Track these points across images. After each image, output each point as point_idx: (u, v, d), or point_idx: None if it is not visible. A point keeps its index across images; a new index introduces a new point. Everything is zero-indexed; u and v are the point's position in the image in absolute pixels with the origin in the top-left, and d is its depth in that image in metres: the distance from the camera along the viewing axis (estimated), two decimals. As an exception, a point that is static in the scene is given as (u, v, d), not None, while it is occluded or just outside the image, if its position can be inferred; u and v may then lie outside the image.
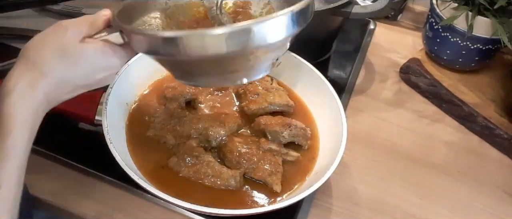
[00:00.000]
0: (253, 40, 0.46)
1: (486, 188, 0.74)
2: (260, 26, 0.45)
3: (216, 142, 0.67)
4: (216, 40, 0.45)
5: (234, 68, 0.52)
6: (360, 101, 0.86)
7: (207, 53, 0.46)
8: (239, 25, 0.46)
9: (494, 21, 0.76)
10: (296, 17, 0.47)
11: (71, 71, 0.46)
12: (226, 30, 0.45)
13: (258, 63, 0.52)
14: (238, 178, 0.63)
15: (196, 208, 0.56)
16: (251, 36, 0.45)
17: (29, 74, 0.43)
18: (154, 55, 0.50)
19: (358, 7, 0.81)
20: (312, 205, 0.67)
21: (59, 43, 0.45)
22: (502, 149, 0.80)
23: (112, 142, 0.60)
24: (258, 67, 0.53)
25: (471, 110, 0.82)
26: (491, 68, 0.89)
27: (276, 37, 0.47)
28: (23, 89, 0.42)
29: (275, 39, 0.47)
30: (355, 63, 0.93)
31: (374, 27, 1.03)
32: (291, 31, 0.48)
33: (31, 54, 0.44)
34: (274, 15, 0.46)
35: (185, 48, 0.46)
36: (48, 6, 0.93)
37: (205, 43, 0.46)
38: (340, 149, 0.64)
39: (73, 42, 0.46)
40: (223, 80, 0.55)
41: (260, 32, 0.46)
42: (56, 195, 0.64)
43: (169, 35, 0.47)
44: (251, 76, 0.54)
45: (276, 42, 0.48)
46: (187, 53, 0.46)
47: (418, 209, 0.70)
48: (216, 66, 0.52)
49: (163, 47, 0.47)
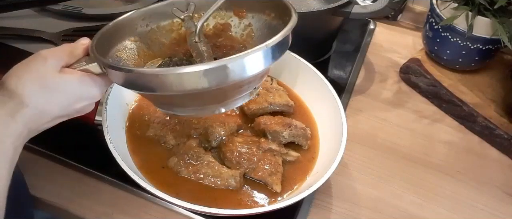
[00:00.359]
0: (229, 76, 0.46)
1: (486, 188, 0.74)
2: (236, 63, 0.46)
3: (216, 142, 0.67)
4: (192, 78, 0.46)
5: (211, 100, 0.53)
6: (360, 101, 0.86)
7: (184, 89, 0.47)
8: (214, 63, 0.45)
9: (494, 21, 0.76)
10: (272, 51, 0.48)
11: (50, 102, 0.46)
12: (201, 67, 0.45)
13: (236, 94, 0.53)
14: (238, 178, 0.63)
15: (196, 208, 0.56)
16: (227, 72, 0.46)
17: (9, 105, 0.43)
18: (131, 89, 0.50)
19: (358, 7, 0.81)
20: (312, 205, 0.67)
21: (38, 74, 0.45)
22: (502, 149, 0.80)
23: (112, 142, 0.60)
24: (236, 97, 0.54)
25: (471, 110, 0.82)
26: (491, 68, 0.89)
27: (252, 72, 0.48)
28: (3, 119, 0.42)
29: (251, 73, 0.48)
30: (355, 63, 0.93)
31: (374, 27, 1.03)
32: (268, 64, 0.48)
33: (12, 84, 0.44)
34: (249, 52, 0.46)
35: (161, 85, 0.46)
36: (48, 6, 0.93)
37: (181, 80, 0.46)
38: (340, 149, 0.64)
39: (52, 73, 0.46)
40: (200, 111, 0.56)
41: (236, 68, 0.46)
42: (56, 195, 0.64)
43: (144, 72, 0.47)
44: (229, 106, 0.55)
45: (252, 76, 0.48)
46: (163, 89, 0.47)
47: (418, 209, 0.70)
48: (193, 99, 0.52)
49: (139, 83, 0.48)
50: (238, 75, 0.47)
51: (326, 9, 0.79)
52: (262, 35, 0.61)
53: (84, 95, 0.49)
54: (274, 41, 0.47)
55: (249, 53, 0.46)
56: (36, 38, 0.87)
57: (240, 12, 0.62)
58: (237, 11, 0.61)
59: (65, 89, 0.47)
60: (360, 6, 0.82)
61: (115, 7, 0.95)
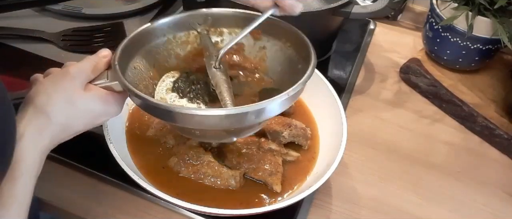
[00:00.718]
0: (247, 120, 0.48)
1: (486, 188, 0.74)
2: (257, 109, 0.48)
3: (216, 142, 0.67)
4: (210, 119, 0.48)
5: (224, 134, 0.56)
6: (360, 101, 0.86)
7: (200, 127, 0.50)
8: (235, 109, 0.47)
9: (494, 21, 0.76)
10: (291, 98, 0.50)
11: (75, 119, 0.49)
12: (222, 112, 0.47)
13: (250, 129, 0.57)
14: (238, 178, 0.63)
15: (196, 208, 0.56)
16: (246, 117, 0.48)
17: (38, 121, 0.45)
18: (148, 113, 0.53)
19: (358, 7, 0.80)
20: (312, 205, 0.67)
21: (66, 93, 0.47)
22: (502, 149, 0.80)
23: (112, 142, 0.60)
24: (249, 131, 0.58)
25: (471, 110, 0.82)
26: (491, 68, 0.89)
27: (268, 116, 0.51)
28: (32, 134, 0.44)
29: (268, 117, 0.51)
30: (355, 63, 0.93)
31: (374, 27, 1.03)
32: (284, 109, 0.51)
33: (41, 102, 0.46)
34: (269, 100, 0.48)
35: (178, 119, 0.49)
36: (48, 6, 0.93)
37: (199, 119, 0.48)
38: (340, 149, 0.64)
39: (79, 91, 0.49)
40: (213, 139, 0.61)
41: (256, 114, 0.48)
42: (55, 196, 0.64)
43: (164, 106, 0.49)
44: (241, 136, 0.59)
45: (269, 118, 0.51)
46: (180, 123, 0.50)
47: (418, 209, 0.70)
48: (207, 132, 0.55)
49: (156, 112, 0.51)
50: (255, 119, 0.49)
51: (326, 9, 0.79)
52: (274, 60, 0.62)
53: (106, 112, 0.52)
54: (295, 89, 0.50)
55: (269, 102, 0.48)
56: (36, 38, 0.87)
57: (256, 33, 0.63)
58: (253, 32, 0.61)
59: (89, 108, 0.49)
60: (360, 6, 0.82)
61: (115, 7, 0.95)
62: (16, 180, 0.42)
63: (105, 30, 0.90)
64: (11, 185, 0.42)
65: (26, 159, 0.43)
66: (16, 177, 0.42)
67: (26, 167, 0.43)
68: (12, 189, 0.42)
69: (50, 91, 0.47)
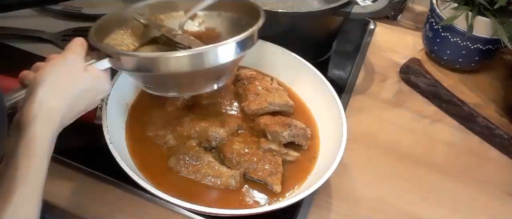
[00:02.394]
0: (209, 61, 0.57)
1: (486, 188, 0.74)
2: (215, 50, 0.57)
3: (216, 142, 0.67)
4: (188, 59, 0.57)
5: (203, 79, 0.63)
6: (360, 101, 0.86)
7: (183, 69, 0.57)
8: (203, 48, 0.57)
9: (494, 21, 0.76)
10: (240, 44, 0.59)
11: (80, 99, 0.52)
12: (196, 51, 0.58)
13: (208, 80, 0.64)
14: (238, 178, 0.63)
15: (196, 208, 0.56)
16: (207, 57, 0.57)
17: (49, 103, 0.48)
18: (134, 71, 0.60)
19: (358, 7, 0.80)
20: (312, 205, 0.67)
21: (73, 76, 0.52)
22: (502, 149, 0.80)
23: (112, 142, 0.60)
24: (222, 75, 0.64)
25: (471, 110, 0.82)
26: (491, 68, 0.89)
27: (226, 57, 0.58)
28: (44, 116, 0.47)
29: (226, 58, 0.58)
30: (355, 63, 0.93)
31: (374, 27, 1.03)
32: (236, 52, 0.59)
33: (50, 83, 0.49)
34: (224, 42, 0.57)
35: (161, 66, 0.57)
36: (48, 6, 0.93)
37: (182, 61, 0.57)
38: (340, 149, 0.64)
39: (82, 73, 0.53)
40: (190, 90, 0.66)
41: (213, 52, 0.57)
42: (55, 196, 0.64)
43: (152, 56, 0.59)
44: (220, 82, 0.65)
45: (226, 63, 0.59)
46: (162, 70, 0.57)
47: (418, 209, 0.70)
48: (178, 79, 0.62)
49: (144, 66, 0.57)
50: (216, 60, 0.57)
51: (326, 9, 0.79)
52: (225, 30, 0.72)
53: (102, 90, 0.56)
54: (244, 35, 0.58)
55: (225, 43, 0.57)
56: (36, 38, 0.87)
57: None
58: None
59: (89, 87, 0.53)
60: (360, 6, 0.82)
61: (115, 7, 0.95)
62: (31, 160, 0.45)
63: (105, 30, 0.90)
64: (26, 165, 0.44)
65: (40, 140, 0.46)
66: (30, 157, 0.45)
67: (39, 147, 0.46)
68: (29, 168, 0.44)
69: (57, 75, 0.50)
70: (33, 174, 0.45)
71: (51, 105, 0.48)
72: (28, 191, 0.44)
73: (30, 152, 0.45)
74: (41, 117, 0.47)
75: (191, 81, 0.63)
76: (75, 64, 0.52)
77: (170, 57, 0.57)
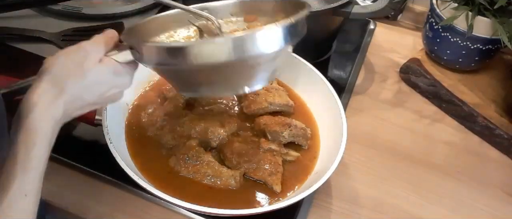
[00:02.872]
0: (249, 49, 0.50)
1: (486, 188, 0.74)
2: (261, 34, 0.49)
3: (216, 142, 0.67)
4: (223, 48, 0.49)
5: (235, 76, 0.55)
6: (360, 101, 0.86)
7: (215, 60, 0.50)
8: (243, 34, 0.50)
9: (494, 21, 0.76)
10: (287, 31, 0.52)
11: (88, 90, 0.50)
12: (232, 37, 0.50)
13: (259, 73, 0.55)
14: (238, 178, 0.63)
15: (196, 208, 0.56)
16: (247, 45, 0.49)
17: (52, 90, 0.47)
18: (165, 66, 0.54)
19: (358, 7, 0.80)
20: (312, 205, 0.67)
21: (81, 67, 0.49)
22: (502, 149, 0.80)
23: (112, 142, 0.60)
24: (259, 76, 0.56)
25: (471, 110, 0.82)
26: (491, 68, 0.89)
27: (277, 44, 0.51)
28: (46, 103, 0.46)
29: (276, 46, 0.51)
30: (355, 63, 0.93)
31: (374, 27, 1.03)
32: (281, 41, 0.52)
33: (55, 72, 0.48)
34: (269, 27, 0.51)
35: (193, 57, 0.49)
36: (48, 6, 0.93)
37: (213, 51, 0.50)
38: (340, 149, 0.64)
39: (93, 65, 0.50)
40: (224, 89, 0.59)
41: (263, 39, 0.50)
42: (55, 196, 0.64)
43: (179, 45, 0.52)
44: (252, 85, 0.57)
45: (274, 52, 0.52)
46: (195, 62, 0.50)
47: (418, 209, 0.70)
48: (219, 74, 0.55)
49: (174, 58, 0.51)
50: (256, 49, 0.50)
51: (326, 9, 0.79)
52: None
53: (118, 83, 0.53)
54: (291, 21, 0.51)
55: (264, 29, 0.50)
56: (36, 38, 0.87)
57: (251, 17, 0.65)
58: (248, 17, 0.65)
59: (101, 79, 0.51)
60: (360, 6, 0.81)
61: (115, 7, 0.95)
62: (31, 148, 0.44)
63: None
64: (27, 153, 0.44)
65: (41, 128, 0.45)
66: (31, 145, 0.44)
67: (40, 135, 0.45)
68: (28, 156, 0.44)
69: (65, 64, 0.49)
70: (32, 165, 0.44)
71: (53, 93, 0.47)
72: (26, 180, 0.43)
73: (29, 141, 0.44)
74: (41, 106, 0.46)
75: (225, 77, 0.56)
76: (89, 53, 0.50)
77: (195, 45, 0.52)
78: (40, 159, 0.45)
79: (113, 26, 0.91)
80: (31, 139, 0.44)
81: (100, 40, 0.52)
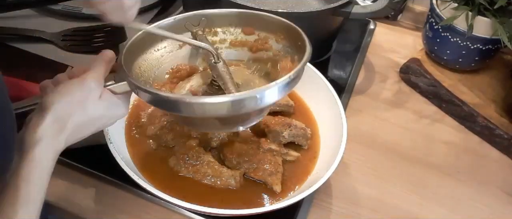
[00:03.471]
0: (247, 106, 0.51)
1: (486, 188, 0.74)
2: (253, 96, 0.50)
3: (216, 142, 0.67)
4: (219, 107, 0.50)
5: (231, 123, 0.58)
6: (360, 101, 0.86)
7: (210, 115, 0.53)
8: (241, 94, 0.51)
9: (494, 21, 0.76)
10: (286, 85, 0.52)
11: (88, 125, 0.52)
12: (226, 98, 0.50)
13: (254, 117, 0.58)
14: (238, 178, 0.63)
15: (196, 208, 0.56)
16: (245, 104, 0.50)
17: (55, 127, 0.48)
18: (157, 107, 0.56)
19: (358, 7, 0.81)
20: (312, 205, 0.67)
21: (83, 104, 0.50)
22: (502, 149, 0.80)
23: (112, 142, 0.60)
24: (253, 119, 0.59)
25: (471, 110, 0.82)
26: (491, 68, 0.89)
27: (269, 101, 0.52)
28: (49, 140, 0.47)
29: (268, 103, 0.52)
30: (355, 63, 0.93)
31: (374, 27, 1.03)
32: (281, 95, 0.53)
33: (59, 110, 0.49)
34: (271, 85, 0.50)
35: (186, 110, 0.51)
36: (48, 6, 0.93)
37: (208, 108, 0.51)
38: (340, 149, 0.64)
39: (94, 102, 0.51)
40: (219, 129, 0.63)
41: (254, 100, 0.50)
42: (55, 196, 0.64)
43: (174, 98, 0.52)
44: (247, 125, 0.60)
45: (273, 102, 0.54)
46: (189, 113, 0.52)
47: (418, 209, 0.70)
48: (215, 121, 0.58)
49: (165, 106, 0.53)
50: (254, 106, 0.51)
51: (326, 9, 0.79)
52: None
53: (115, 115, 0.54)
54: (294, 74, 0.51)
55: (262, 90, 0.50)
56: (36, 38, 0.87)
57: (249, 30, 0.65)
58: (245, 29, 0.65)
59: (102, 113, 0.52)
60: (360, 6, 0.82)
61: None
62: (31, 185, 0.45)
63: (105, 30, 0.90)
64: (28, 187, 0.45)
65: (43, 162, 0.46)
66: (31, 182, 0.45)
67: (42, 169, 0.46)
68: (29, 191, 0.45)
69: (70, 101, 0.49)
70: (33, 197, 0.45)
71: (56, 130, 0.48)
72: (28, 213, 0.44)
73: (31, 177, 0.45)
74: (45, 141, 0.47)
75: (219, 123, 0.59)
76: (91, 91, 0.51)
77: (191, 102, 0.51)
78: (40, 192, 0.46)
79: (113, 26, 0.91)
80: (33, 176, 0.45)
81: (101, 70, 0.53)
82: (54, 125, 0.48)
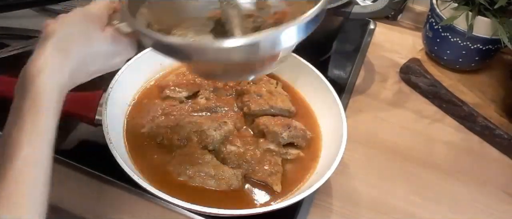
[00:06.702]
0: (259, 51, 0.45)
1: (486, 188, 0.74)
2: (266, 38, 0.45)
3: (215, 142, 0.67)
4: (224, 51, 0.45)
5: (242, 69, 0.53)
6: (360, 101, 0.86)
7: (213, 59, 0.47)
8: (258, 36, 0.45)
9: (494, 21, 0.76)
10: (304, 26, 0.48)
11: (92, 58, 0.49)
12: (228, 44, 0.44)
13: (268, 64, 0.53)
14: (240, 177, 0.63)
15: (196, 208, 0.56)
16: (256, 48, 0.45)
17: (57, 56, 0.45)
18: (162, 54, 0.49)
19: (358, 7, 0.80)
20: (312, 205, 0.67)
21: (85, 35, 0.48)
22: (502, 149, 0.80)
23: (112, 142, 0.60)
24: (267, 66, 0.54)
25: (471, 110, 0.82)
26: (491, 68, 0.89)
27: (289, 43, 0.48)
28: (52, 69, 0.44)
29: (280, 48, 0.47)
30: (355, 63, 0.93)
31: (374, 27, 1.03)
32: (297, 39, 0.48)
33: (60, 37, 0.46)
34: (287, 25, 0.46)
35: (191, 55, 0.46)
36: (48, 6, 0.93)
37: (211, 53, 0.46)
38: (340, 149, 0.64)
39: (98, 33, 0.49)
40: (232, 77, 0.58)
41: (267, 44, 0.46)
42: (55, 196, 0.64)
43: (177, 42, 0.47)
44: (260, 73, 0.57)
45: (289, 47, 0.49)
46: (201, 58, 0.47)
47: (418, 209, 0.70)
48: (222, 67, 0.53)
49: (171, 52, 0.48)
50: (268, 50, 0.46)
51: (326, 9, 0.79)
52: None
53: (119, 53, 0.52)
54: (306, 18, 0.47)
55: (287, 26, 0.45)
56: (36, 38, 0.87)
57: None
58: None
59: (106, 48, 0.50)
60: (360, 6, 0.81)
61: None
62: (37, 117, 0.42)
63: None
64: (32, 123, 0.42)
65: (46, 94, 0.43)
66: (36, 114, 0.42)
67: (46, 102, 0.43)
68: (33, 127, 0.42)
69: (71, 31, 0.47)
70: (40, 132, 0.42)
71: (59, 59, 0.45)
72: (34, 153, 0.41)
73: (36, 108, 0.42)
74: (47, 71, 0.44)
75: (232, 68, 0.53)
76: (92, 21, 0.49)
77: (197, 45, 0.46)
78: (48, 129, 0.43)
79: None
80: (38, 107, 0.42)
81: (104, 5, 0.51)
82: (56, 54, 0.45)
